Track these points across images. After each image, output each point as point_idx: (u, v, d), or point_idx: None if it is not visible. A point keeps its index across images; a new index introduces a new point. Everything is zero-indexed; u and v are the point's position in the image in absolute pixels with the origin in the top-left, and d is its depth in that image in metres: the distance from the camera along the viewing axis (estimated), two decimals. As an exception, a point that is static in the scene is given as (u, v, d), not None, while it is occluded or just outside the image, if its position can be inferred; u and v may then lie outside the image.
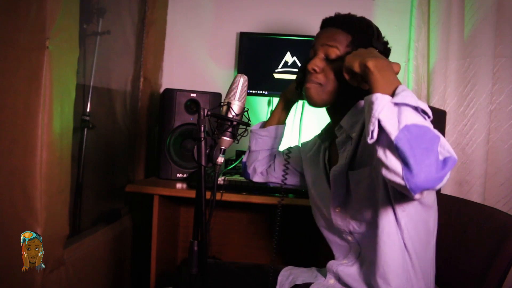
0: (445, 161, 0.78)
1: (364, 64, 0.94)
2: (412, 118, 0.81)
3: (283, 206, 1.39)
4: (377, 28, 1.16)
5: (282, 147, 1.51)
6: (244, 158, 1.52)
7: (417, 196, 0.82)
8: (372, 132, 0.83)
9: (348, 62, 1.00)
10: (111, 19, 1.89)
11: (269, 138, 1.44)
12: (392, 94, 0.86)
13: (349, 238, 1.17)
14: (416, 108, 0.83)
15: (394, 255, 1.03)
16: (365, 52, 1.01)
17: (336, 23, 1.18)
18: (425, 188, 0.79)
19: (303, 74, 1.21)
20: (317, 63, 1.14)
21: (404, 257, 1.04)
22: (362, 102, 1.14)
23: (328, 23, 1.21)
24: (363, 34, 1.13)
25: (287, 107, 1.45)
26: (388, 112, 0.82)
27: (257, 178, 1.49)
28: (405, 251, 1.04)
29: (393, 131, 0.80)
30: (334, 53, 1.12)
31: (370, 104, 0.85)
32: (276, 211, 1.37)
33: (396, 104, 0.83)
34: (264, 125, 1.47)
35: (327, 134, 1.28)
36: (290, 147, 1.46)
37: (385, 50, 1.16)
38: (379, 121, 0.82)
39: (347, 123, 1.14)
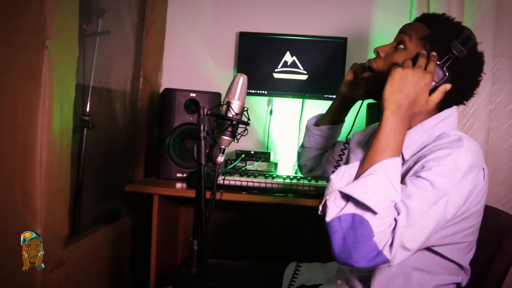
0: (379, 254, 0.82)
1: (384, 106, 0.92)
2: (352, 208, 0.85)
3: (284, 206, 1.39)
4: (468, 36, 1.01)
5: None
6: (299, 149, 1.49)
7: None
8: (321, 206, 0.91)
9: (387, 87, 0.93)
10: (111, 19, 1.89)
11: (322, 137, 1.36)
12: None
13: None
14: (358, 202, 0.85)
15: (394, 271, 1.01)
16: (404, 83, 0.92)
17: (422, 18, 1.10)
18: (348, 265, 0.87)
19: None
20: (384, 48, 1.08)
21: (408, 276, 1.01)
22: (431, 121, 1.01)
23: (416, 18, 1.12)
24: (442, 32, 1.02)
25: (343, 105, 1.31)
26: (336, 197, 0.88)
27: (307, 173, 1.49)
28: (411, 271, 1.01)
29: (330, 215, 0.87)
30: (406, 39, 1.04)
31: (328, 182, 0.92)
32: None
33: (342, 193, 0.87)
34: (320, 121, 1.36)
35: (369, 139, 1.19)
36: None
37: (469, 61, 1.00)
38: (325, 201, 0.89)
39: (408, 142, 0.99)
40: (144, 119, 2.20)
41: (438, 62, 0.97)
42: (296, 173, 1.89)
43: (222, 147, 0.96)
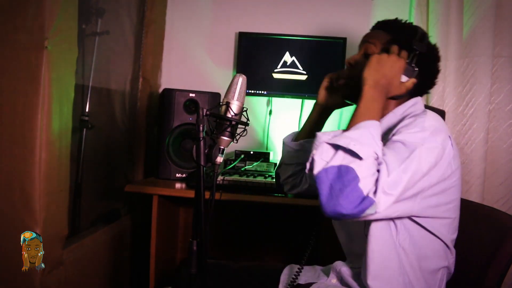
0: (366, 198, 0.86)
1: (363, 83, 1.02)
2: (338, 159, 0.90)
3: (283, 206, 1.39)
4: (422, 33, 1.13)
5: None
6: (277, 169, 1.47)
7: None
8: (309, 163, 0.95)
9: (366, 69, 1.04)
10: (110, 19, 1.88)
11: (302, 152, 1.36)
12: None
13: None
14: (345, 150, 0.90)
15: (386, 254, 1.02)
16: (381, 64, 1.04)
17: (378, 25, 1.21)
18: (337, 218, 0.95)
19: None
20: (353, 57, 1.18)
21: (400, 259, 1.03)
22: (401, 108, 1.12)
23: (373, 27, 1.23)
24: (402, 34, 1.13)
25: (321, 116, 1.35)
26: (322, 150, 0.93)
27: (290, 190, 1.44)
28: (402, 252, 1.03)
29: (317, 167, 0.91)
30: (371, 48, 1.14)
31: (314, 139, 0.97)
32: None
33: (329, 144, 0.93)
34: (297, 136, 1.39)
35: None
36: None
37: (429, 54, 1.14)
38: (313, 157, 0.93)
39: (382, 126, 1.09)
40: (144, 119, 2.20)
41: (407, 61, 1.08)
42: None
43: (222, 147, 0.96)
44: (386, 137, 1.05)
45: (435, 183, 0.98)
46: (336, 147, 0.92)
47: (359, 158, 0.89)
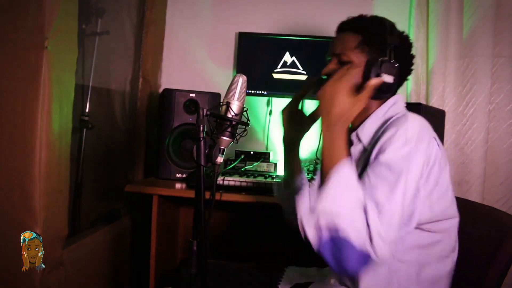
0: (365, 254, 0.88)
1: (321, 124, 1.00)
2: (327, 233, 0.90)
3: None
4: (391, 24, 1.13)
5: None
6: (285, 215, 1.40)
7: None
8: (303, 234, 0.95)
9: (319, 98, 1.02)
10: (110, 19, 1.88)
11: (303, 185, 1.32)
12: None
13: None
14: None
15: (378, 269, 1.02)
16: (325, 99, 1.00)
17: (345, 27, 1.18)
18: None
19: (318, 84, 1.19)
20: (330, 67, 1.14)
21: (391, 275, 1.04)
22: (381, 109, 1.12)
23: (339, 28, 1.20)
24: (372, 32, 1.11)
25: (295, 149, 1.33)
26: (310, 226, 0.93)
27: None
28: (398, 264, 1.04)
29: (314, 244, 0.92)
30: (345, 56, 1.11)
31: (296, 199, 1.00)
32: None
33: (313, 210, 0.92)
34: (286, 182, 1.36)
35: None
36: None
37: (403, 45, 1.13)
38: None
39: (366, 131, 1.11)
40: (144, 119, 2.20)
41: (386, 58, 1.05)
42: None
43: (222, 147, 0.96)
44: (371, 143, 1.06)
45: (430, 191, 0.99)
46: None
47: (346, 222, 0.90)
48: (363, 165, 1.06)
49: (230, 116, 0.95)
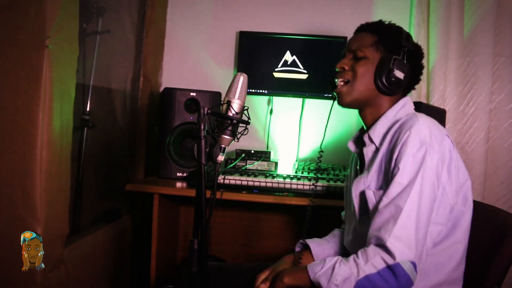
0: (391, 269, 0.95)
1: None
2: None
3: (284, 205, 1.38)
4: (407, 33, 1.19)
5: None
6: None
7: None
8: None
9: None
10: (111, 19, 1.89)
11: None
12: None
13: None
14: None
15: None
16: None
17: (363, 28, 1.24)
18: None
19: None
20: (345, 62, 1.19)
21: None
22: (392, 111, 1.16)
23: (357, 30, 1.26)
24: (388, 33, 1.17)
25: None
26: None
27: None
28: None
29: None
30: (361, 52, 1.16)
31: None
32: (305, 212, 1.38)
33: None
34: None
35: (359, 139, 1.27)
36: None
37: (416, 51, 1.20)
38: None
39: (377, 133, 1.15)
40: (144, 118, 2.20)
41: (399, 57, 1.13)
42: (296, 172, 1.89)
43: (223, 146, 0.96)
44: (381, 143, 1.11)
45: (447, 184, 1.05)
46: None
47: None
48: (378, 164, 1.11)
49: (231, 114, 0.95)
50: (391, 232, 0.96)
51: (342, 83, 1.19)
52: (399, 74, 1.12)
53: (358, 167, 1.27)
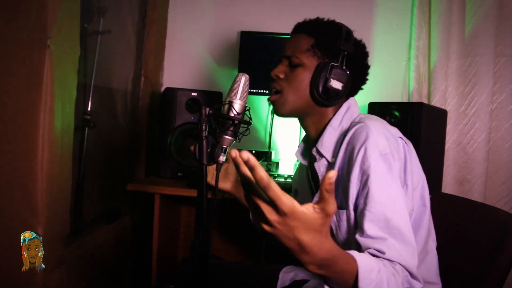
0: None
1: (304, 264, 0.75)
2: None
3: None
4: (347, 31, 1.10)
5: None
6: None
7: None
8: None
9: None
10: (112, 18, 1.88)
11: None
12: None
13: None
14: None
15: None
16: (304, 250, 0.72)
17: (300, 28, 1.15)
18: None
19: None
20: (280, 69, 1.12)
21: None
22: (336, 119, 1.09)
23: (293, 30, 1.17)
24: (326, 35, 1.09)
25: None
26: None
27: None
28: None
29: None
30: (296, 58, 1.09)
31: None
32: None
33: None
34: None
35: (305, 150, 1.22)
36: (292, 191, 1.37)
37: (358, 52, 1.11)
38: None
39: (325, 145, 1.08)
40: (145, 118, 2.20)
41: (336, 64, 1.04)
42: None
43: (224, 146, 0.96)
44: (334, 156, 1.04)
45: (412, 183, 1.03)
46: None
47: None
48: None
49: (233, 115, 0.95)
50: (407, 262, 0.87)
51: (274, 93, 1.12)
52: (337, 85, 1.04)
53: (311, 179, 1.19)
